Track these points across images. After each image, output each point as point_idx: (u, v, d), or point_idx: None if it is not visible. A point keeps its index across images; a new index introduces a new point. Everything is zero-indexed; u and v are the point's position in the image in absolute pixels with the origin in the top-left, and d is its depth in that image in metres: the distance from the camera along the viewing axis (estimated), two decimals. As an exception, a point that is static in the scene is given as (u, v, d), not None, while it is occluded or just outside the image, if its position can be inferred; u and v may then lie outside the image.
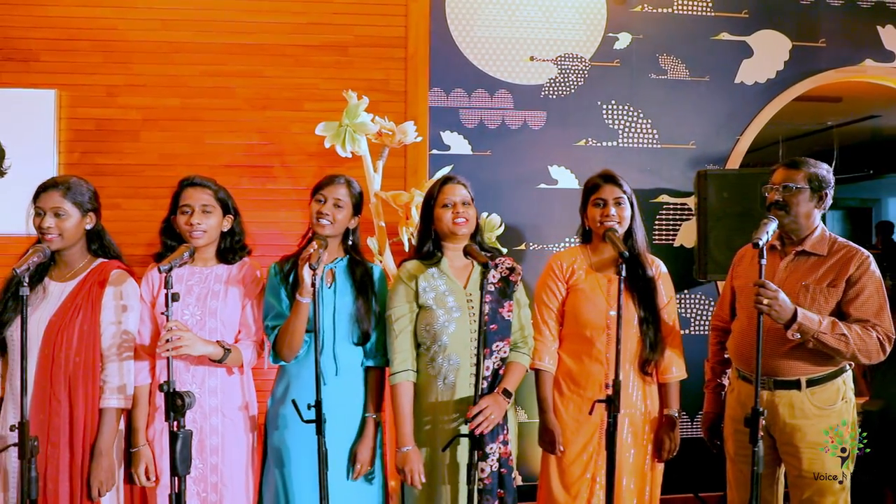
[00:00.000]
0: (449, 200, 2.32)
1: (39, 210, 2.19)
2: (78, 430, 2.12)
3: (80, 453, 2.12)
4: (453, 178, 2.38)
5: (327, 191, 2.30)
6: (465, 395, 2.23)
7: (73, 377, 2.13)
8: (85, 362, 2.14)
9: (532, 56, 3.61)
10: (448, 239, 2.35)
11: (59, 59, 3.35)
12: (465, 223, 2.31)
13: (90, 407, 2.14)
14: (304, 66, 3.45)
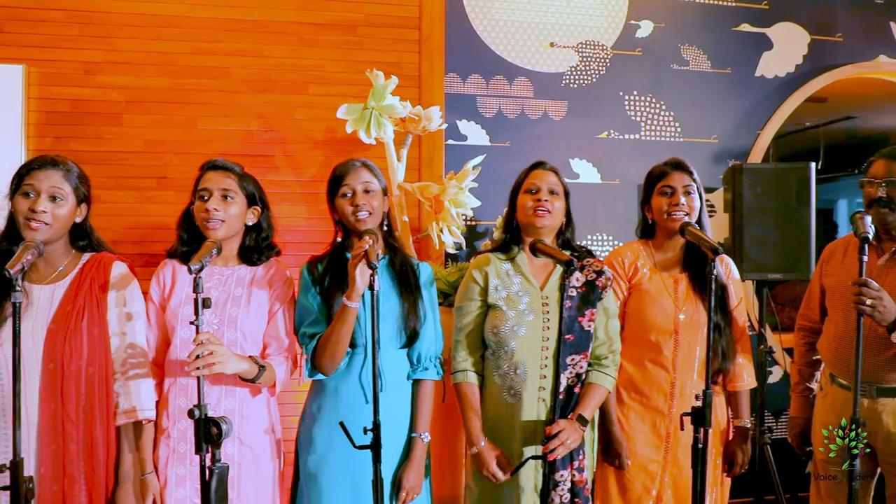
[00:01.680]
0: (534, 186, 2.07)
1: (29, 189, 1.81)
2: (99, 455, 1.78)
3: (102, 481, 1.78)
4: (544, 164, 2.12)
5: (351, 179, 2.00)
6: (532, 415, 1.98)
7: (89, 392, 1.77)
8: (99, 374, 1.79)
9: (552, 42, 3.39)
10: (528, 232, 2.08)
11: (28, 30, 2.93)
12: (548, 215, 2.04)
13: (109, 425, 1.80)
14: (309, 46, 3.12)
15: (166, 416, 1.89)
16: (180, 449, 1.88)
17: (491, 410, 2.03)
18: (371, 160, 2.20)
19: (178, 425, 1.89)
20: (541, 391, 1.98)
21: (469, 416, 2.02)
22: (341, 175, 2.01)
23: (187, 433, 1.87)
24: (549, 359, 1.99)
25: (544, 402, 1.98)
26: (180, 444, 1.88)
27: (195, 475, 1.86)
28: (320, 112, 3.11)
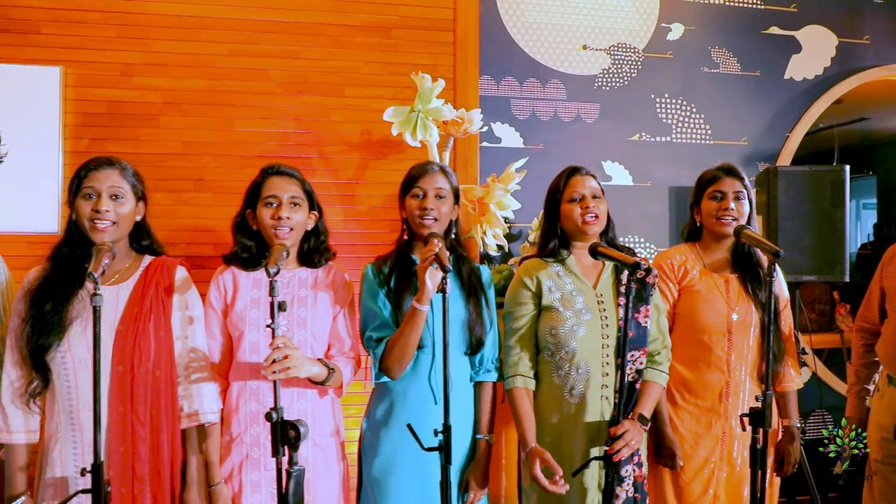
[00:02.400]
0: (577, 194, 2.07)
1: (90, 191, 1.80)
2: (164, 458, 1.77)
3: (167, 485, 1.77)
4: (581, 169, 2.13)
5: (425, 182, 2.01)
6: (596, 414, 1.98)
7: (156, 394, 1.77)
8: (165, 376, 1.79)
9: (585, 45, 3.40)
10: (577, 237, 2.10)
11: (65, 31, 2.92)
12: (596, 220, 2.06)
13: (174, 429, 1.80)
14: (344, 48, 3.12)
15: (237, 422, 1.89)
16: (254, 454, 1.88)
17: (551, 413, 2.03)
18: (404, 165, 2.19)
19: (250, 430, 1.88)
20: (604, 389, 1.99)
21: (521, 420, 2.02)
22: (416, 176, 2.01)
23: (260, 438, 1.87)
24: (609, 356, 2.00)
25: (607, 399, 1.99)
26: (254, 450, 1.88)
27: (270, 480, 1.86)
28: (356, 114, 3.11)
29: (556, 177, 2.15)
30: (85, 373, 1.74)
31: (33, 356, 1.74)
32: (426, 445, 1.71)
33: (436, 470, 1.87)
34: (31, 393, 1.76)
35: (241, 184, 3.00)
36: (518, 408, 2.02)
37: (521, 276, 2.10)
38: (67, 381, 1.75)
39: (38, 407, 1.80)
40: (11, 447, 1.77)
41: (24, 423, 1.78)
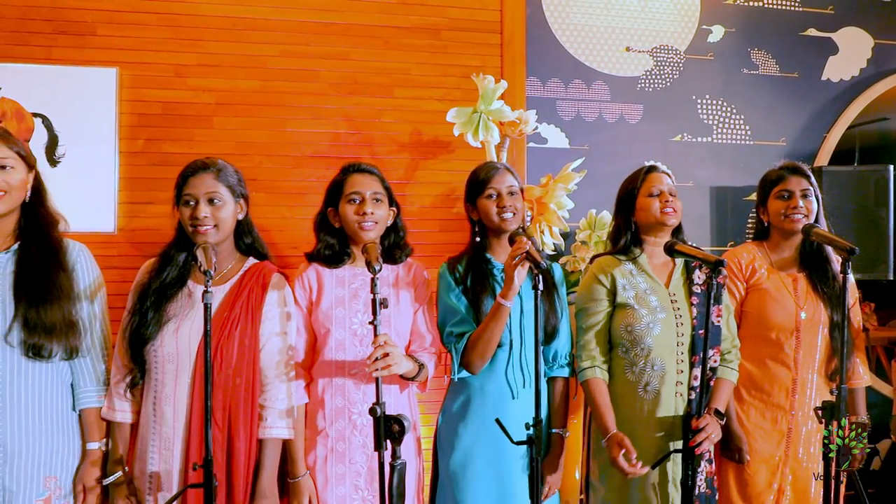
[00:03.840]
0: (656, 189, 2.11)
1: (189, 198, 1.85)
2: (238, 466, 1.79)
3: (240, 491, 1.79)
4: (658, 167, 2.17)
5: (497, 182, 2.05)
6: (670, 410, 2.01)
7: (234, 402, 1.79)
8: (245, 384, 1.81)
9: (628, 46, 3.43)
10: (652, 232, 2.13)
11: (121, 33, 2.95)
12: (674, 213, 2.10)
13: (250, 437, 1.82)
14: (394, 50, 3.15)
15: (322, 417, 1.92)
16: (338, 448, 1.91)
17: (624, 408, 2.06)
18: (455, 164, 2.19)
19: (335, 425, 1.91)
20: (678, 386, 2.02)
21: (601, 409, 2.04)
22: (487, 178, 2.05)
23: (345, 432, 1.90)
24: (684, 354, 2.04)
25: (681, 396, 2.03)
26: (338, 444, 1.91)
27: (353, 473, 1.90)
28: (406, 115, 3.14)
29: (633, 174, 2.19)
30: (171, 368, 1.79)
31: (132, 348, 1.80)
32: (515, 439, 1.74)
33: (513, 463, 1.92)
34: (129, 383, 1.81)
35: (293, 184, 3.07)
36: (596, 398, 2.05)
37: (595, 273, 2.13)
38: (156, 374, 1.80)
39: (134, 395, 1.86)
40: (115, 425, 1.86)
41: (126, 405, 1.86)
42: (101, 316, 1.92)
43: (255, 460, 1.85)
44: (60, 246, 1.87)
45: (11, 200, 1.80)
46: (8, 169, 1.79)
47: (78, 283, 1.87)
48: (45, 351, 1.76)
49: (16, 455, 1.75)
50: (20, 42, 2.88)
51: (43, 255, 1.81)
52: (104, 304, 1.95)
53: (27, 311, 1.75)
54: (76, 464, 1.85)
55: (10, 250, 1.83)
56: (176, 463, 1.74)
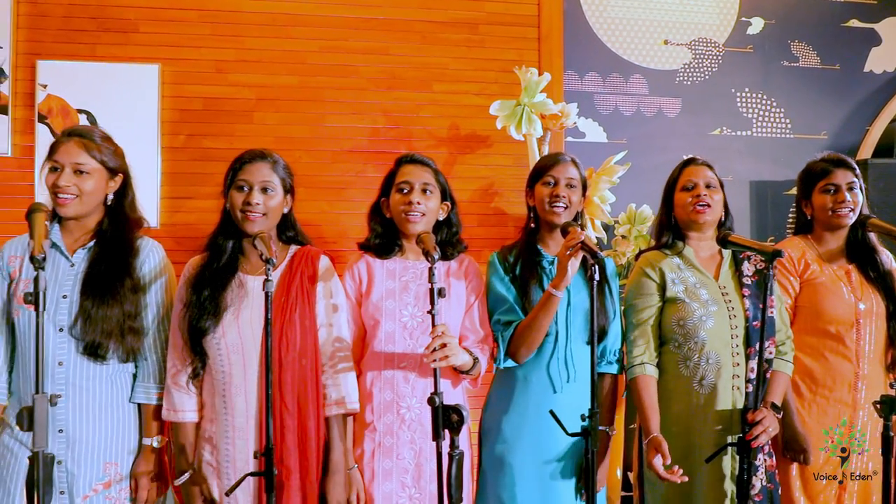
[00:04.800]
0: (690, 183, 2.08)
1: (243, 184, 1.85)
2: (310, 446, 1.80)
3: (313, 472, 1.80)
4: (696, 159, 2.14)
5: (557, 171, 2.03)
6: (727, 403, 1.98)
7: (302, 383, 1.80)
8: (310, 365, 1.83)
9: (666, 40, 3.40)
10: (689, 228, 2.11)
11: (162, 30, 2.98)
12: (708, 210, 2.05)
13: (319, 417, 1.83)
14: (432, 44, 3.15)
15: (370, 410, 1.91)
16: (386, 442, 1.90)
17: (679, 403, 2.04)
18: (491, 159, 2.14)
19: (383, 419, 1.90)
20: (735, 379, 1.99)
21: (647, 409, 2.02)
22: (548, 165, 2.03)
23: (393, 427, 1.90)
24: (739, 347, 2.01)
25: (738, 389, 2.00)
26: (386, 438, 1.90)
27: (401, 470, 1.89)
28: (444, 109, 3.14)
29: (675, 167, 2.16)
30: (237, 359, 1.79)
31: (192, 340, 1.80)
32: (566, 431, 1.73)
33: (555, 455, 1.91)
34: (191, 375, 1.82)
35: (332, 178, 3.08)
36: (643, 397, 2.03)
37: (643, 267, 2.11)
38: (221, 365, 1.80)
39: (196, 388, 1.85)
40: (178, 425, 1.85)
41: (188, 403, 1.85)
42: (164, 315, 1.94)
43: (325, 439, 1.86)
44: (133, 250, 1.90)
45: (82, 204, 1.84)
46: (84, 175, 1.82)
47: (144, 282, 1.89)
48: (101, 350, 1.79)
49: (78, 440, 1.79)
50: (66, 40, 2.92)
51: (113, 259, 1.85)
52: (168, 304, 1.96)
53: (89, 310, 1.78)
54: (134, 454, 1.88)
55: (87, 247, 1.87)
56: (252, 451, 1.74)
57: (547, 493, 1.92)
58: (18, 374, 1.84)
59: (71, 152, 1.83)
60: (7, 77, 2.85)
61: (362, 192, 3.05)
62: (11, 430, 1.82)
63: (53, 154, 1.85)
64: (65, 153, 1.83)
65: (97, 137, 1.91)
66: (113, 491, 1.83)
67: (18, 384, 1.84)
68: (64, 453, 1.78)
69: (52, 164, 1.84)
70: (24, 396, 1.81)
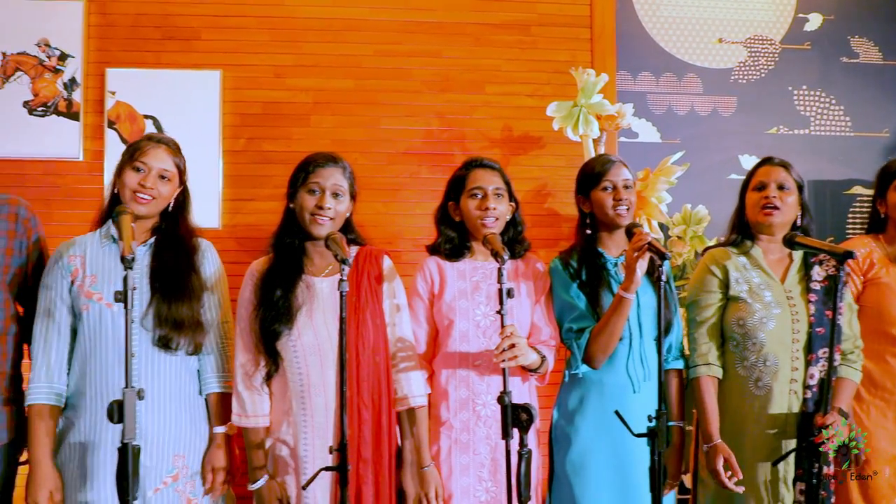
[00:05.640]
0: (760, 183, 2.06)
1: (315, 187, 1.89)
2: (383, 440, 1.85)
3: (386, 466, 1.85)
4: (772, 159, 2.11)
5: (612, 174, 2.03)
6: (783, 407, 1.97)
7: (377, 380, 1.85)
8: (383, 362, 1.87)
9: (720, 38, 3.36)
10: (759, 229, 2.09)
11: (224, 37, 3.07)
12: (775, 212, 2.03)
13: (392, 412, 1.88)
14: (484, 46, 3.18)
15: (446, 408, 1.95)
16: (462, 439, 1.94)
17: (733, 402, 2.03)
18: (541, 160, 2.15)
19: (459, 416, 1.94)
20: (792, 383, 1.98)
21: (707, 413, 2.01)
22: (603, 170, 2.03)
23: (469, 423, 1.93)
24: (799, 351, 1.99)
25: (795, 394, 1.98)
26: (462, 434, 1.94)
27: (477, 464, 1.93)
28: (497, 111, 3.16)
29: (753, 166, 2.15)
30: (315, 359, 1.82)
31: (265, 343, 1.83)
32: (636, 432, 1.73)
33: (635, 458, 1.90)
34: (265, 378, 1.86)
35: (387, 180, 3.13)
36: (704, 399, 2.02)
37: (707, 265, 2.10)
38: (298, 366, 1.83)
39: (267, 390, 1.89)
40: (248, 429, 1.88)
41: (259, 407, 1.88)
42: (226, 310, 2.00)
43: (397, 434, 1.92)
44: (195, 248, 1.96)
45: (156, 206, 1.92)
46: (165, 180, 1.90)
47: (205, 280, 1.95)
48: (172, 344, 1.84)
49: (149, 433, 1.84)
50: (132, 48, 3.03)
51: (178, 256, 1.91)
52: (228, 299, 2.02)
53: (160, 304, 1.84)
54: (203, 446, 1.93)
55: (147, 244, 1.93)
56: None
57: (626, 495, 1.93)
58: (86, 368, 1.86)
59: (160, 157, 1.90)
60: (79, 85, 2.97)
61: (417, 193, 3.10)
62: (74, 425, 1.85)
63: (141, 156, 1.89)
64: (154, 157, 1.89)
65: (176, 146, 1.99)
66: (181, 484, 1.88)
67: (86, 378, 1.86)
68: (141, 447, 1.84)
69: (138, 164, 1.89)
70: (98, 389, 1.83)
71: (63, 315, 1.87)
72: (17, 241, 1.99)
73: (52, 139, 2.98)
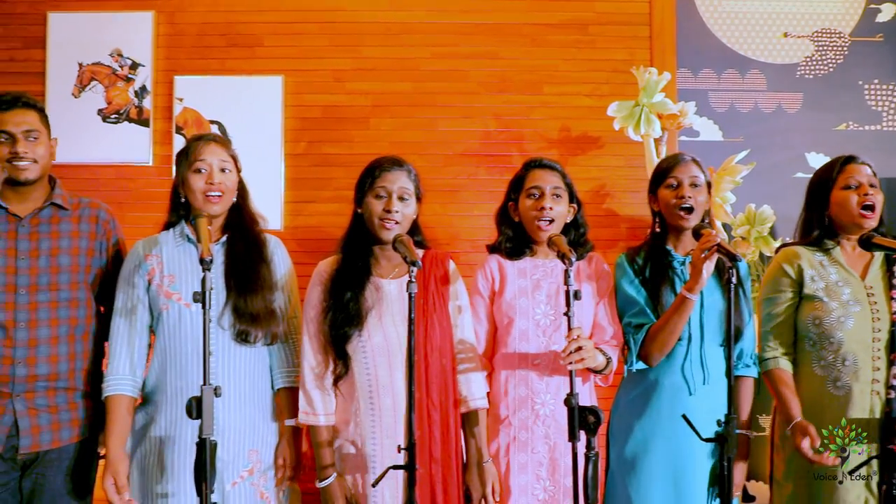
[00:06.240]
0: (854, 181, 2.01)
1: (382, 191, 1.92)
2: (451, 440, 1.88)
3: (454, 466, 1.88)
4: (857, 158, 2.06)
5: (680, 172, 2.00)
6: (864, 409, 1.91)
7: (444, 381, 1.88)
8: (449, 364, 1.90)
9: (786, 32, 3.26)
10: (849, 229, 2.04)
11: (285, 43, 3.15)
12: (873, 214, 1.99)
13: (458, 413, 1.91)
14: (542, 47, 3.17)
15: (505, 406, 1.97)
16: (521, 437, 1.95)
17: (810, 404, 1.98)
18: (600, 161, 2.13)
19: (518, 414, 1.96)
20: (874, 384, 1.92)
21: (785, 397, 1.97)
22: (670, 167, 2.02)
23: (528, 422, 1.94)
24: (881, 351, 1.93)
25: (878, 395, 1.92)
26: (521, 433, 1.95)
27: (536, 463, 1.93)
28: (554, 111, 3.14)
29: (828, 164, 2.10)
30: (383, 360, 1.86)
31: (335, 344, 1.87)
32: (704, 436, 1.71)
33: (690, 460, 1.89)
34: (334, 379, 1.89)
35: (445, 181, 3.15)
36: (779, 386, 1.99)
37: (780, 263, 2.06)
38: (367, 367, 1.87)
39: (335, 391, 1.93)
40: (315, 428, 1.92)
41: (328, 406, 1.91)
42: (294, 304, 2.05)
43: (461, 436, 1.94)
44: (263, 241, 2.02)
45: (228, 201, 1.98)
46: (227, 172, 1.96)
47: (275, 274, 2.00)
48: (251, 336, 1.90)
49: (226, 428, 1.90)
50: (199, 56, 3.13)
51: (248, 249, 1.97)
52: (296, 294, 2.08)
53: (237, 299, 1.90)
54: (275, 441, 1.99)
55: (220, 242, 1.99)
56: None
57: (679, 497, 1.91)
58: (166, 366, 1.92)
59: (215, 152, 1.95)
60: (149, 93, 3.09)
61: (474, 194, 3.11)
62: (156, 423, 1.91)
63: (198, 157, 1.93)
64: (210, 153, 1.94)
65: (224, 139, 2.05)
66: (255, 478, 1.93)
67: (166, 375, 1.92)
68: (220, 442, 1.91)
69: (198, 165, 1.93)
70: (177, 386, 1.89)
71: (140, 312, 1.95)
72: (97, 242, 2.09)
73: (124, 145, 3.11)
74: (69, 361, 1.99)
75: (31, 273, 1.96)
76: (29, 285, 1.95)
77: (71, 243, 2.03)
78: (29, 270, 1.96)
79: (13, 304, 1.92)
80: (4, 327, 1.91)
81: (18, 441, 1.91)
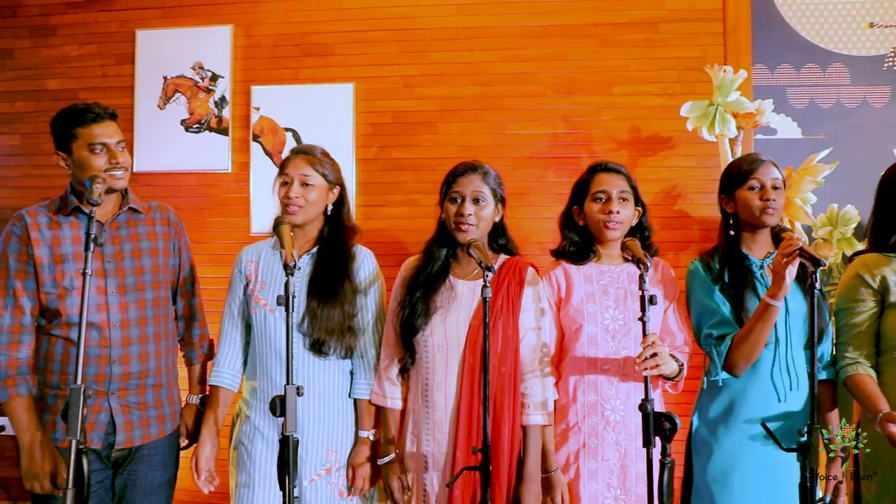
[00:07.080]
0: None
1: (456, 196, 1.97)
2: (502, 451, 1.88)
3: (505, 477, 1.89)
4: None
5: (761, 173, 1.96)
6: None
7: (499, 389, 1.89)
8: (509, 373, 1.91)
9: (871, 22, 3.11)
10: None
11: (356, 51, 3.23)
12: None
13: (514, 424, 1.91)
14: (611, 47, 3.13)
15: (575, 412, 1.97)
16: (591, 443, 1.95)
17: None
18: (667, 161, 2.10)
19: (588, 420, 1.95)
20: None
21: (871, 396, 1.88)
22: (750, 169, 1.97)
23: (598, 428, 1.94)
24: None
25: None
26: (591, 439, 1.95)
27: (606, 470, 1.92)
28: (624, 112, 3.10)
29: None
30: (441, 357, 1.92)
31: (403, 337, 1.96)
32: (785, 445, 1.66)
33: (786, 467, 1.82)
34: (401, 369, 1.99)
35: (513, 184, 3.12)
36: (863, 388, 1.90)
37: (858, 271, 1.97)
38: (426, 362, 1.94)
39: (404, 380, 2.03)
40: (386, 410, 2.03)
41: (395, 391, 2.03)
42: (379, 315, 2.11)
43: (520, 446, 1.94)
44: (350, 255, 2.10)
45: (307, 213, 2.06)
46: (309, 186, 2.04)
47: (361, 285, 2.08)
48: (325, 347, 1.99)
49: (305, 428, 2.00)
50: (274, 66, 3.26)
51: (332, 263, 2.06)
52: (382, 305, 2.14)
53: (314, 311, 1.99)
54: (351, 443, 2.06)
55: (311, 253, 2.10)
56: (446, 446, 1.87)
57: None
58: (256, 365, 2.07)
59: (298, 166, 2.06)
60: (228, 103, 3.23)
61: (543, 197, 3.11)
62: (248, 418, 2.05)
63: (284, 169, 2.08)
64: (293, 167, 2.06)
65: (318, 153, 2.13)
66: (333, 476, 2.03)
67: (256, 374, 2.07)
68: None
69: (283, 178, 2.07)
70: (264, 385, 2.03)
71: (239, 313, 2.11)
72: (172, 242, 2.22)
73: (205, 153, 3.26)
74: (156, 359, 2.11)
75: (117, 275, 2.07)
76: (117, 287, 2.07)
77: (150, 245, 2.14)
78: (116, 272, 2.07)
79: (105, 306, 2.04)
80: (99, 328, 2.04)
81: (115, 437, 2.03)
